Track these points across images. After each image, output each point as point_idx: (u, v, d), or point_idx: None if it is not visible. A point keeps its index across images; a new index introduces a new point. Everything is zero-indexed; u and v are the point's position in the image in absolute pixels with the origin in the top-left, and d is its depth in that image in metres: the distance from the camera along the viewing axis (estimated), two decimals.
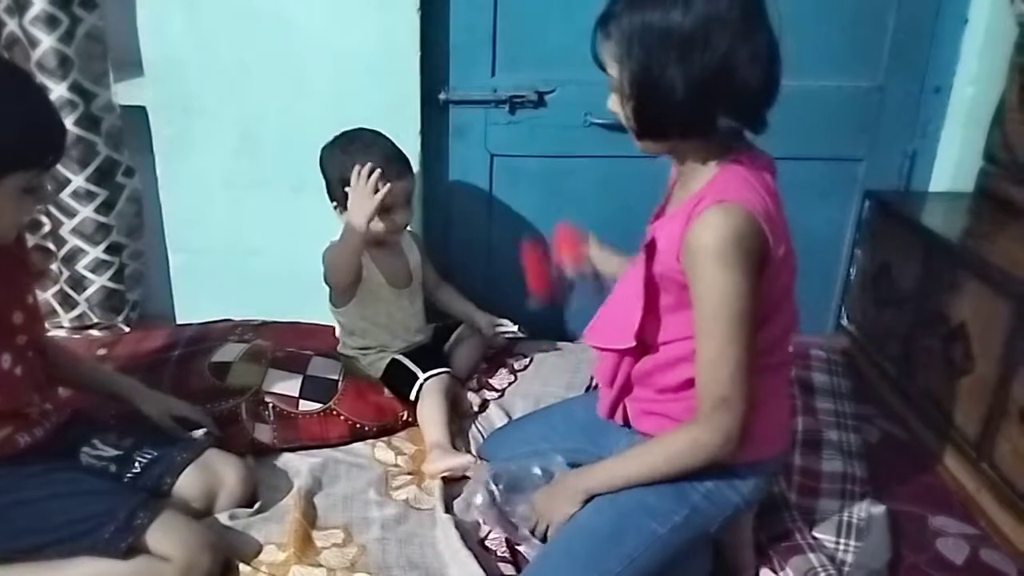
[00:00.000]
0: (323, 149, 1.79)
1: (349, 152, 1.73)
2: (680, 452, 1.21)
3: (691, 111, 1.12)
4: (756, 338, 1.15)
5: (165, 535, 1.27)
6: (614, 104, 1.20)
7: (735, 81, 1.09)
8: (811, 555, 1.38)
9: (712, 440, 1.17)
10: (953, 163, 2.14)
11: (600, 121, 2.06)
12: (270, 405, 1.66)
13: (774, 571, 1.39)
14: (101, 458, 1.40)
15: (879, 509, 1.51)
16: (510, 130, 2.07)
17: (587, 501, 1.30)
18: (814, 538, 1.44)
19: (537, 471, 1.43)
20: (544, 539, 1.35)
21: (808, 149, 2.07)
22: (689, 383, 1.21)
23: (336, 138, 1.79)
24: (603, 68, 1.19)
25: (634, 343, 1.24)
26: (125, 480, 1.39)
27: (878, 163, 2.16)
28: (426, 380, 1.75)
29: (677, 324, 1.22)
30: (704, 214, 1.11)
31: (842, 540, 1.44)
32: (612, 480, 1.28)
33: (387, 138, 1.79)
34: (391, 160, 1.72)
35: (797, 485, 1.58)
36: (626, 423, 1.37)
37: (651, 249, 1.22)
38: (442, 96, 2.03)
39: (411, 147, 1.96)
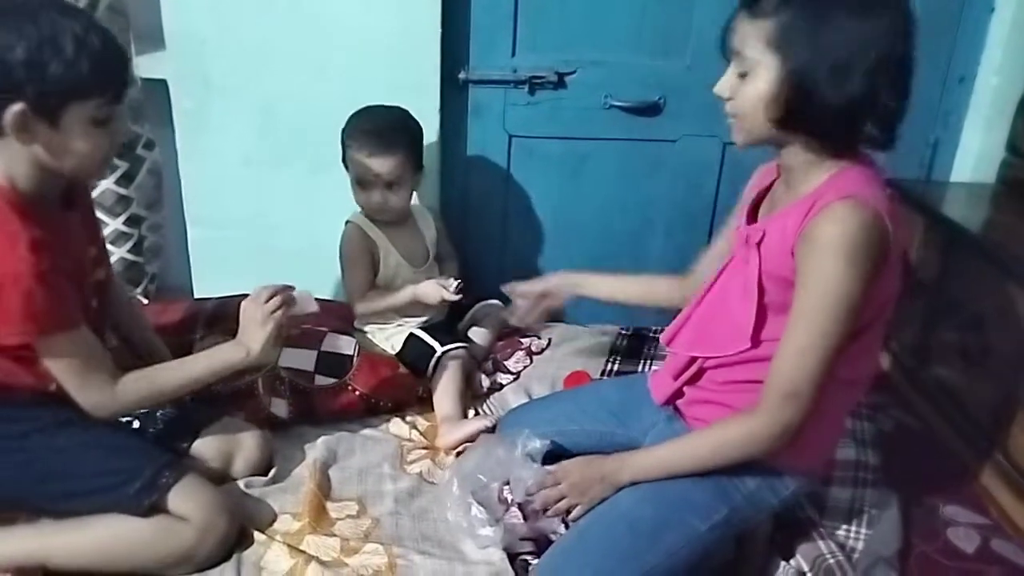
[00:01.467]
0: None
1: (349, 124, 1.80)
2: (731, 442, 1.20)
3: (846, 115, 1.10)
4: (849, 347, 1.13)
5: (186, 497, 1.30)
6: (729, 89, 1.16)
7: (882, 95, 1.08)
8: (820, 542, 1.39)
9: (769, 432, 1.16)
10: (975, 154, 2.12)
11: (619, 103, 2.05)
12: (286, 380, 1.67)
13: (784, 558, 1.39)
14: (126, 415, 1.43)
15: (890, 497, 1.51)
16: (529, 111, 2.07)
17: (621, 487, 1.29)
18: (824, 525, 1.44)
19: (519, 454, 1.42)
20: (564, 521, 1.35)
21: None
22: (761, 380, 1.20)
23: (362, 107, 1.84)
24: (728, 48, 1.15)
25: (750, 345, 1.21)
26: (148, 435, 1.43)
27: (899, 152, 2.11)
28: (444, 353, 1.77)
29: (776, 324, 1.20)
30: (831, 207, 1.09)
31: (852, 527, 1.44)
32: (654, 469, 1.27)
33: (392, 114, 1.81)
34: (371, 135, 1.75)
35: None
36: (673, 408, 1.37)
37: (761, 247, 1.20)
38: (462, 76, 2.03)
39: (430, 126, 1.96)
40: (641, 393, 1.45)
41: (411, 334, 1.83)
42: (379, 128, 1.77)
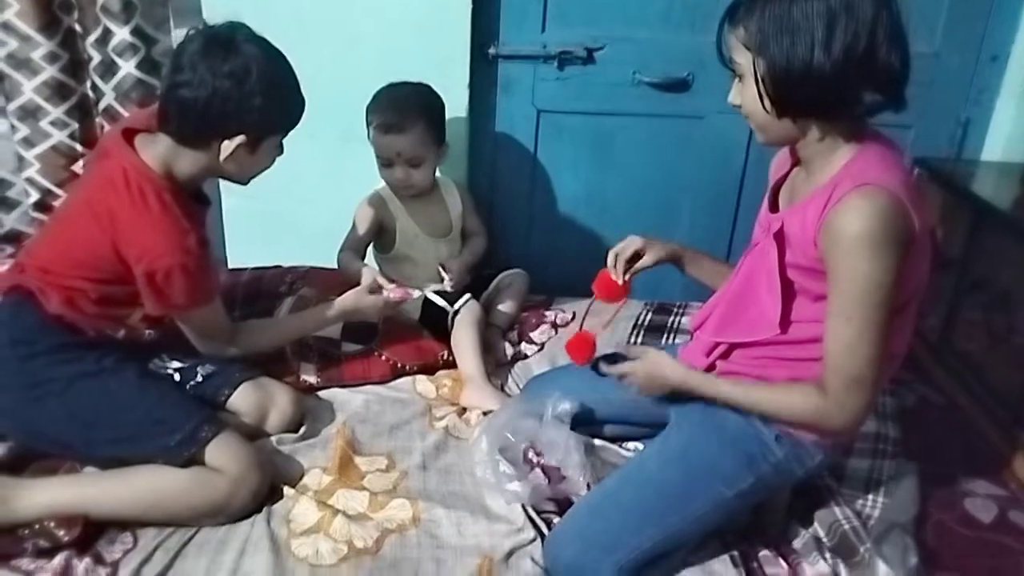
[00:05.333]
0: None
1: (374, 97, 1.84)
2: (798, 409, 1.21)
3: (838, 87, 1.11)
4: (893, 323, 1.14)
5: (222, 450, 1.36)
6: (736, 96, 1.20)
7: (878, 56, 1.09)
8: (837, 509, 1.41)
9: (838, 418, 1.18)
10: (1006, 133, 2.11)
11: (649, 80, 2.07)
12: (314, 347, 1.72)
13: (801, 524, 1.42)
14: (167, 367, 1.51)
15: (909, 468, 1.53)
16: (558, 86, 2.09)
17: (674, 398, 1.36)
18: (842, 494, 1.46)
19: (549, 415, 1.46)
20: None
21: None
22: (793, 358, 1.23)
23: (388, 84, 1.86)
24: (726, 62, 1.20)
25: (779, 331, 1.23)
26: (187, 388, 1.49)
27: (929, 130, 2.13)
28: (456, 311, 1.81)
29: (803, 308, 1.22)
30: (848, 198, 1.10)
31: (870, 496, 1.46)
32: (711, 391, 1.30)
33: (413, 94, 1.83)
34: (387, 112, 1.79)
35: (829, 443, 1.59)
36: None
37: (779, 238, 1.22)
38: (491, 51, 2.05)
39: (459, 101, 1.99)
40: None
41: (425, 299, 1.86)
42: (395, 106, 1.80)
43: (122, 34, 1.88)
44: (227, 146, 1.38)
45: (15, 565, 1.25)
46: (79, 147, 2.02)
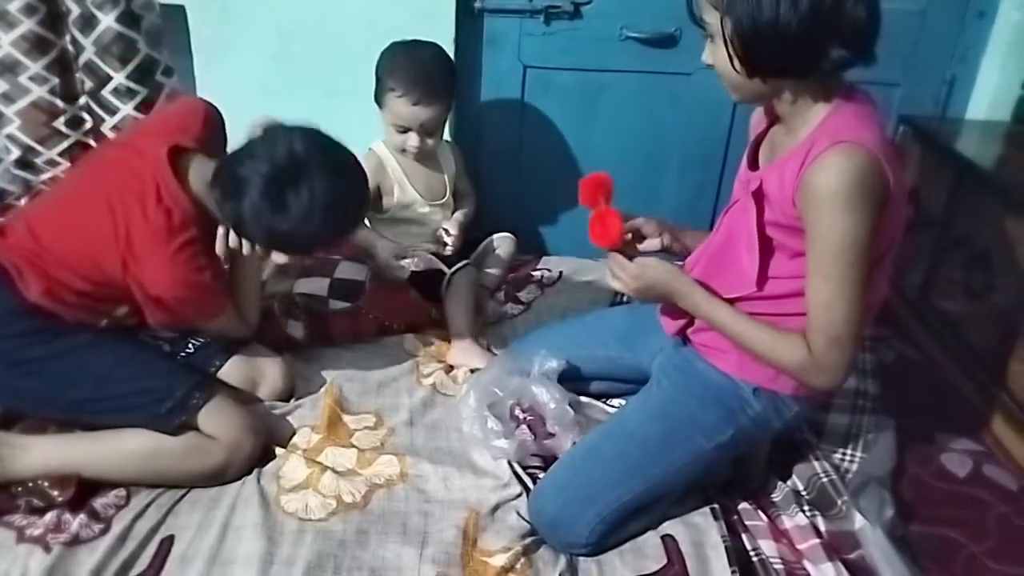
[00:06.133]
0: (388, 46, 1.81)
1: (393, 60, 1.77)
2: (784, 358, 1.22)
3: (805, 45, 1.10)
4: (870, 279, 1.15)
5: (214, 416, 1.37)
6: (709, 55, 1.19)
7: (844, 10, 1.08)
8: (816, 463, 1.45)
9: (819, 375, 1.19)
10: (991, 91, 2.10)
11: (636, 35, 2.05)
12: (300, 304, 1.73)
13: (781, 479, 1.45)
14: (157, 337, 1.49)
15: (887, 423, 1.56)
16: (544, 41, 2.07)
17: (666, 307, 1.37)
18: (821, 448, 1.49)
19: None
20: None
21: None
22: (772, 313, 1.24)
23: (403, 42, 1.81)
24: (697, 21, 1.19)
25: (756, 289, 1.23)
26: (178, 359, 1.48)
27: (915, 89, 2.13)
28: (453, 274, 1.82)
29: (781, 265, 1.23)
30: (824, 156, 1.09)
31: (848, 451, 1.50)
32: (705, 310, 1.29)
33: (437, 61, 1.79)
34: (419, 83, 1.73)
35: (806, 398, 1.62)
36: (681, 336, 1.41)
37: (758, 196, 1.22)
38: (477, 4, 2.03)
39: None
40: (648, 319, 1.49)
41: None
42: (424, 78, 1.74)
43: None
44: (260, 250, 1.38)
45: (7, 521, 1.27)
46: (60, 103, 1.98)
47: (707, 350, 1.36)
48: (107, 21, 1.86)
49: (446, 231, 1.86)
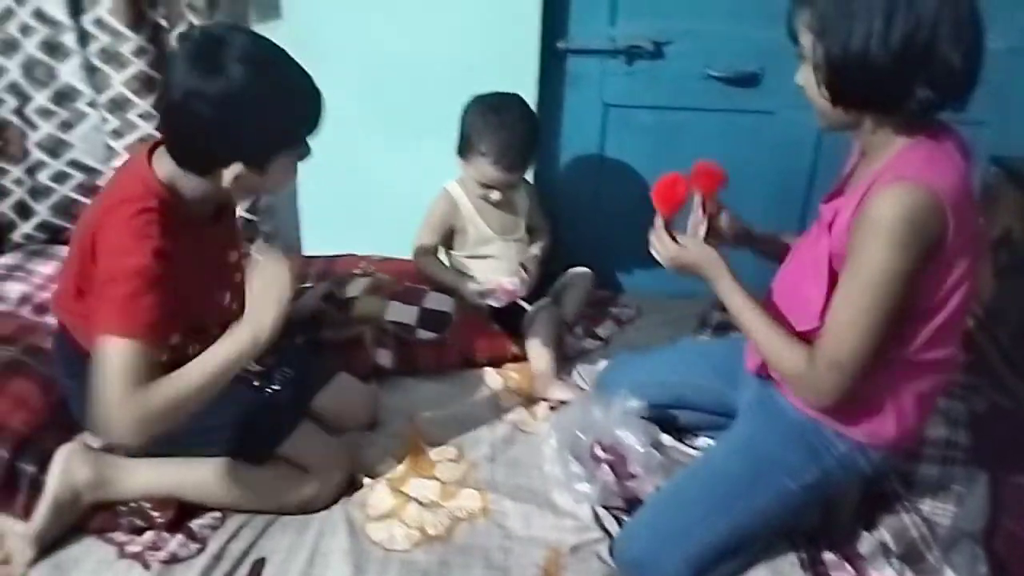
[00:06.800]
0: (473, 99, 1.84)
1: (483, 122, 1.78)
2: (783, 364, 1.23)
3: (892, 82, 1.09)
4: (919, 327, 1.14)
5: (302, 447, 1.42)
6: (801, 77, 1.20)
7: (936, 53, 1.06)
8: (905, 516, 1.41)
9: (815, 390, 1.20)
10: None
11: (717, 74, 2.06)
12: (390, 333, 1.78)
13: (867, 529, 1.42)
14: (247, 371, 1.53)
15: (979, 476, 1.51)
16: (626, 80, 2.09)
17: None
18: (910, 500, 1.45)
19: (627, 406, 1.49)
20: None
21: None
22: None
23: (489, 97, 1.83)
24: (796, 39, 1.19)
25: (819, 324, 1.20)
26: (266, 394, 1.53)
27: (1006, 128, 2.07)
28: (535, 312, 1.84)
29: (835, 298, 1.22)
30: (884, 188, 1.09)
31: (939, 504, 1.45)
32: (727, 298, 1.31)
33: (525, 122, 1.82)
34: (506, 151, 1.77)
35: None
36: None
37: (829, 228, 1.22)
38: (561, 45, 2.07)
39: (528, 95, 2.00)
40: (740, 353, 1.47)
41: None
42: (519, 144, 1.78)
43: None
44: (227, 174, 1.24)
45: (109, 537, 1.34)
46: None
47: (787, 390, 1.34)
48: None
49: (523, 267, 1.88)
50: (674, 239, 1.37)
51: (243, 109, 1.18)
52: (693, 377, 1.54)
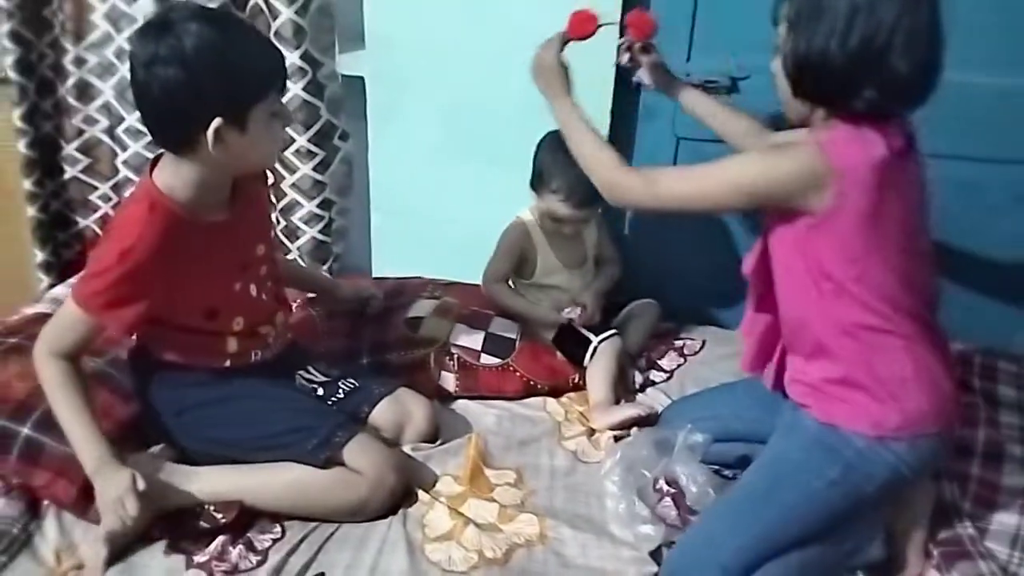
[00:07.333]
0: (546, 136, 1.86)
1: (554, 159, 1.79)
2: (600, 161, 1.39)
3: (843, 81, 1.17)
4: (841, 301, 1.23)
5: (359, 453, 1.45)
6: (775, 65, 1.28)
7: (888, 59, 1.14)
8: (980, 562, 1.35)
9: (616, 184, 1.36)
10: None
11: None
12: (455, 356, 1.81)
13: (939, 572, 1.37)
14: (312, 381, 1.61)
15: None
16: None
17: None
18: (985, 547, 1.40)
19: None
20: None
21: (1006, 151, 1.93)
22: (819, 349, 1.30)
23: (559, 134, 1.78)
24: (777, 28, 1.27)
25: (747, 271, 1.37)
26: (329, 403, 1.58)
27: None
28: (600, 343, 1.84)
29: (789, 284, 1.31)
30: None
31: (1016, 552, 1.39)
32: (558, 109, 1.51)
33: None
34: (576, 189, 1.77)
35: (973, 495, 1.53)
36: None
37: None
38: (635, 79, 2.08)
39: (601, 127, 2.02)
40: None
41: (565, 324, 1.90)
42: (588, 182, 1.66)
43: (292, 58, 2.02)
44: (210, 137, 1.27)
45: (180, 547, 1.37)
46: None
47: (801, 399, 1.36)
48: (295, 90, 2.05)
49: (583, 306, 1.88)
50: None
51: (201, 59, 1.24)
52: (740, 409, 1.56)
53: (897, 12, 1.13)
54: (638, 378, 1.91)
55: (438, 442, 1.62)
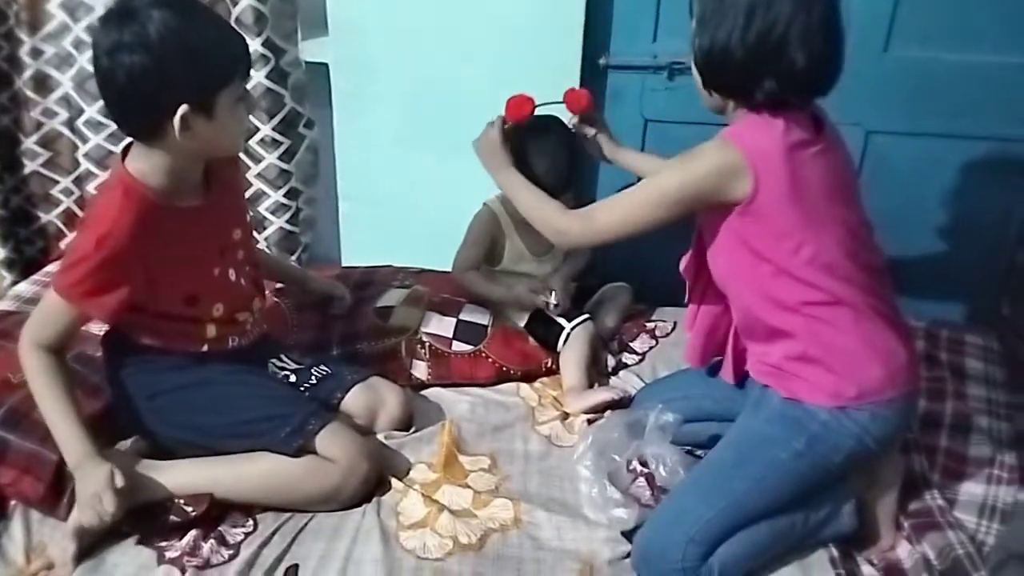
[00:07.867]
0: (513, 124, 1.80)
1: (532, 141, 1.76)
2: (545, 210, 1.48)
3: (743, 73, 1.24)
4: (780, 280, 1.27)
5: (332, 441, 1.44)
6: (691, 58, 1.32)
7: (785, 52, 1.20)
8: (950, 532, 1.37)
9: (558, 228, 1.44)
10: None
11: None
12: (427, 344, 1.80)
13: (911, 543, 1.39)
14: (285, 368, 1.60)
15: None
16: (667, 96, 2.09)
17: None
18: (954, 517, 1.42)
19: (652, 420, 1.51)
20: None
21: (978, 127, 1.98)
22: (773, 332, 1.33)
23: (537, 119, 1.79)
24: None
25: (683, 269, 1.48)
26: (302, 389, 1.57)
27: None
28: (573, 329, 1.84)
29: (730, 275, 1.36)
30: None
31: (984, 521, 1.42)
32: (503, 178, 1.59)
33: (566, 150, 1.79)
34: (550, 175, 1.73)
35: (941, 466, 1.56)
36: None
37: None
38: (602, 61, 2.08)
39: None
40: None
41: (538, 310, 1.90)
42: (556, 171, 1.75)
43: (254, 45, 1.99)
44: (177, 124, 1.27)
45: (150, 542, 1.36)
46: None
47: (765, 379, 1.39)
48: (258, 77, 2.02)
49: (552, 291, 1.87)
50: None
51: (166, 45, 1.23)
52: (711, 388, 1.57)
53: (793, 8, 1.19)
54: (611, 361, 1.91)
55: (412, 430, 1.62)
